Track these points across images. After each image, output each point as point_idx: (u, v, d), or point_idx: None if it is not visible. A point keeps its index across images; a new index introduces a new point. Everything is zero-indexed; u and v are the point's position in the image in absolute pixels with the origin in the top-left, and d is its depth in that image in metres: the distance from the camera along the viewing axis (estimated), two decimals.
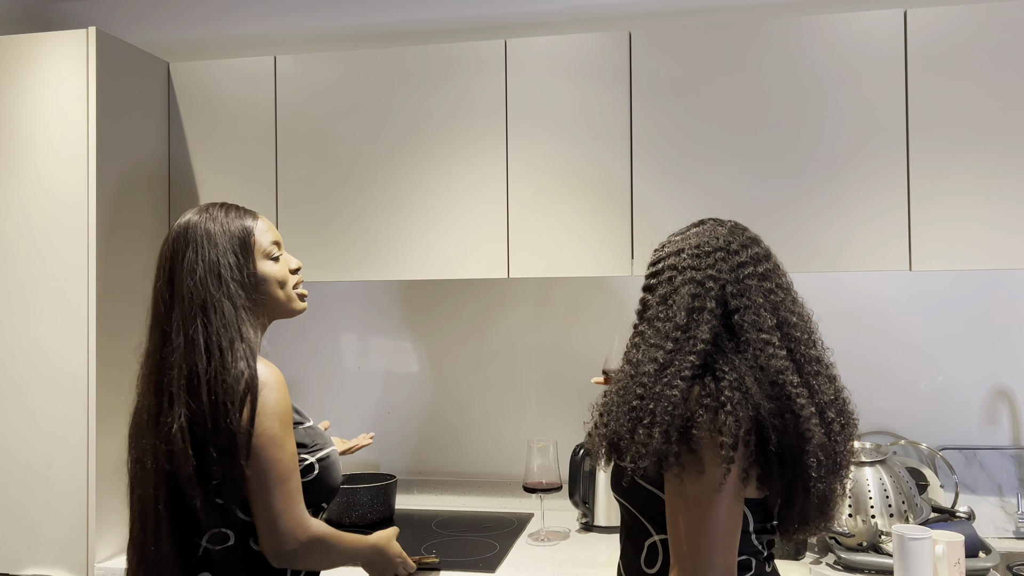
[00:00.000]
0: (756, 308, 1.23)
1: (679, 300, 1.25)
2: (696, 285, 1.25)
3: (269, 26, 2.68)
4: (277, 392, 1.37)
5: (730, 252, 1.27)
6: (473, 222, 2.17)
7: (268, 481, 1.33)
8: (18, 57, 2.10)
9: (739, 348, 1.22)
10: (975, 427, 2.28)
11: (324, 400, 2.66)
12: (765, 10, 2.39)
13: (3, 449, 2.07)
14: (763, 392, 1.19)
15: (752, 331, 1.22)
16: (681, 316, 1.24)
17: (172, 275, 1.40)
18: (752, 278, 1.25)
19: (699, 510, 1.16)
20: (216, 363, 1.33)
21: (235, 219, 1.45)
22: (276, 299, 1.48)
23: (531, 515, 2.39)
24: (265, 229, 1.48)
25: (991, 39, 1.93)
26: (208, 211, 1.45)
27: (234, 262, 1.41)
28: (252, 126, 2.31)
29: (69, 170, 2.06)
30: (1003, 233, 1.92)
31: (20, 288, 2.08)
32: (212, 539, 1.36)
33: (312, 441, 1.46)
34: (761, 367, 1.20)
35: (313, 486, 1.43)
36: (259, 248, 1.46)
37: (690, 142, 2.07)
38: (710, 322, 1.22)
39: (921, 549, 1.59)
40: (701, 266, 1.27)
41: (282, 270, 1.49)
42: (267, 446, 1.33)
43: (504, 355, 2.55)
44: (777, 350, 1.21)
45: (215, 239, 1.41)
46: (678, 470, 1.17)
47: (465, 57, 2.19)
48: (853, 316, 2.33)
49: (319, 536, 1.39)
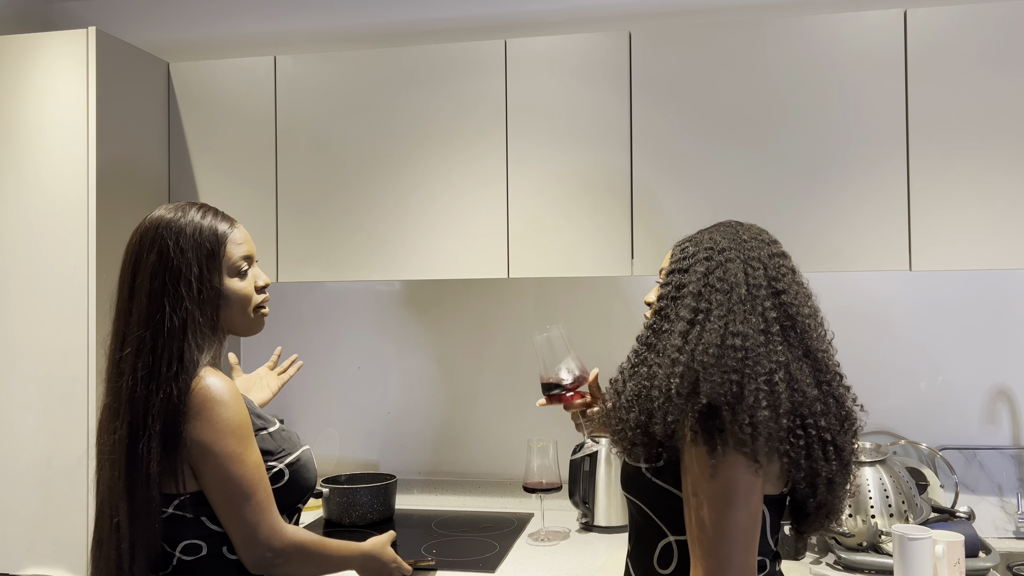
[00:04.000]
0: (795, 294, 1.25)
1: (733, 276, 1.24)
2: (744, 263, 1.25)
3: (269, 26, 2.68)
4: (231, 407, 1.31)
5: (764, 242, 1.30)
6: (473, 222, 2.17)
7: (234, 498, 1.30)
8: (18, 57, 2.10)
9: (786, 331, 1.22)
10: (975, 427, 2.28)
11: (324, 400, 2.66)
12: (765, 10, 2.38)
13: (3, 449, 2.07)
14: (810, 379, 1.20)
15: (800, 316, 1.24)
16: (742, 290, 1.23)
17: (134, 273, 1.34)
18: (787, 268, 1.28)
19: (722, 508, 1.15)
20: (159, 382, 1.28)
21: (209, 227, 1.37)
22: (234, 319, 1.40)
23: (531, 515, 2.39)
24: (239, 241, 1.40)
25: (991, 39, 1.93)
26: (184, 211, 1.37)
27: (197, 274, 1.33)
28: (252, 126, 2.31)
29: (69, 170, 2.06)
30: (1003, 233, 1.92)
31: (20, 288, 2.08)
32: (185, 550, 1.33)
33: (278, 447, 1.41)
34: (806, 349, 1.22)
35: (285, 491, 1.39)
36: (227, 261, 1.37)
37: (690, 142, 2.07)
38: (770, 299, 1.23)
39: (921, 549, 1.59)
40: (742, 248, 1.27)
41: (247, 288, 1.41)
42: (226, 464, 1.29)
43: (504, 355, 2.55)
44: (818, 335, 1.25)
45: (182, 245, 1.33)
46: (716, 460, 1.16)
47: (465, 57, 2.19)
48: (853, 316, 2.33)
49: (298, 543, 1.37)
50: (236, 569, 1.36)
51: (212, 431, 1.29)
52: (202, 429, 1.29)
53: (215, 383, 1.32)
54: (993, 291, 2.28)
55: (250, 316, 1.42)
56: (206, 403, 1.30)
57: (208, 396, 1.30)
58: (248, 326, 1.43)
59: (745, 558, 1.15)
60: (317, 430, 2.67)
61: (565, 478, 2.27)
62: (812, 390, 1.20)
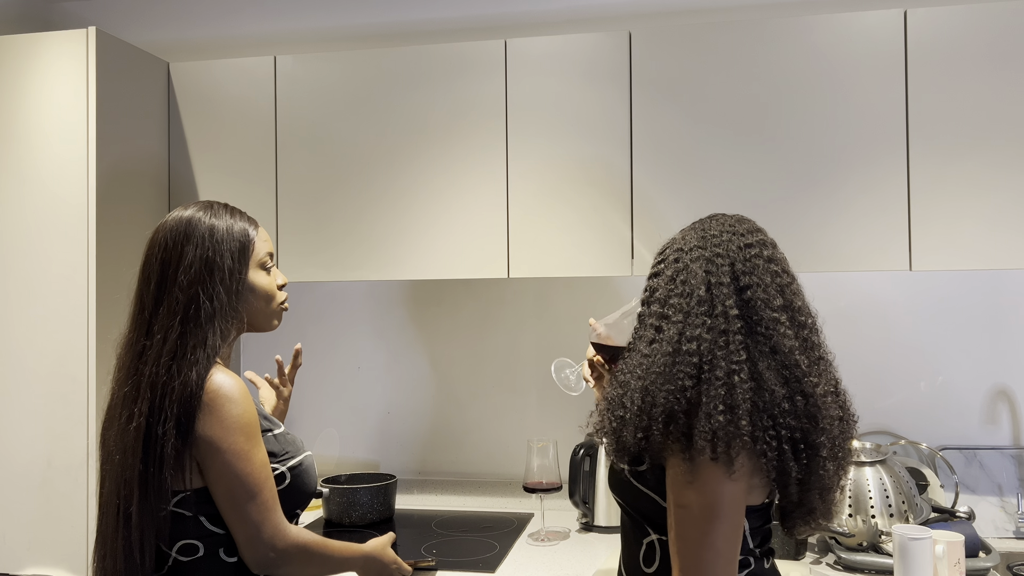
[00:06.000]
0: (764, 286, 1.21)
1: (694, 277, 1.23)
2: (707, 262, 1.23)
3: (269, 26, 2.68)
4: (241, 404, 1.33)
5: (736, 233, 1.27)
6: (473, 222, 2.17)
7: (239, 496, 1.31)
8: (18, 57, 2.10)
9: (751, 328, 1.19)
10: (975, 427, 2.28)
11: (324, 400, 2.66)
12: (765, 10, 2.39)
13: (3, 449, 2.07)
14: (776, 377, 1.17)
15: (765, 310, 1.20)
16: (701, 290, 1.21)
17: (165, 267, 1.37)
18: (759, 258, 1.24)
19: (706, 521, 1.13)
20: (181, 366, 1.31)
21: (238, 222, 1.43)
22: (258, 311, 1.45)
23: (531, 515, 2.39)
24: (264, 239, 1.46)
25: (991, 39, 1.93)
26: (212, 208, 1.43)
27: (230, 265, 1.38)
28: (252, 126, 2.31)
29: (69, 170, 2.06)
30: (1003, 233, 1.92)
31: (20, 288, 2.08)
32: (181, 550, 1.34)
33: (283, 449, 1.43)
34: (772, 348, 1.18)
35: (286, 494, 1.40)
36: (256, 256, 1.44)
37: (690, 142, 2.07)
38: (731, 297, 1.20)
39: (921, 549, 1.59)
40: (708, 245, 1.25)
41: (272, 283, 1.46)
42: (233, 461, 1.31)
43: (504, 355, 2.55)
44: (787, 329, 1.20)
45: (217, 238, 1.39)
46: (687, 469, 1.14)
47: (465, 57, 2.19)
48: (853, 316, 2.33)
49: (301, 544, 1.37)
50: (233, 572, 1.36)
51: (221, 427, 1.31)
52: (211, 424, 1.30)
53: (226, 380, 1.34)
54: (993, 291, 2.28)
55: (273, 310, 1.47)
56: (216, 399, 1.31)
57: (219, 393, 1.32)
58: (268, 321, 1.48)
59: (726, 570, 1.13)
60: (317, 430, 2.67)
61: (565, 478, 2.27)
62: (780, 388, 1.16)
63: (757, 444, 1.14)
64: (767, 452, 1.14)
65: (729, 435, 1.12)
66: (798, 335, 1.21)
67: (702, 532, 1.13)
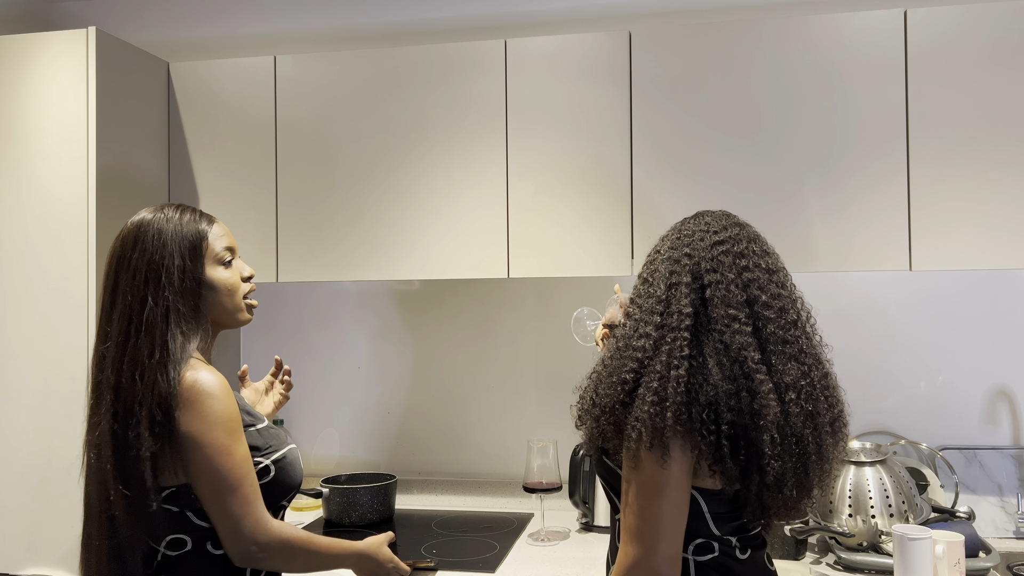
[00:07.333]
0: (727, 283, 1.26)
1: (658, 277, 1.30)
2: (673, 263, 1.30)
3: (269, 26, 2.68)
4: (222, 400, 1.33)
5: (709, 232, 1.32)
6: (473, 222, 2.17)
7: (220, 490, 1.32)
8: (18, 57, 2.10)
9: (708, 324, 1.24)
10: (975, 427, 2.28)
11: (324, 400, 2.66)
12: (765, 10, 2.39)
13: (3, 449, 2.07)
14: (723, 373, 1.21)
15: (721, 306, 1.25)
16: (660, 290, 1.28)
17: (117, 274, 1.38)
18: (727, 255, 1.28)
19: (647, 497, 1.20)
20: (143, 371, 1.31)
21: (190, 222, 1.41)
22: (222, 307, 1.43)
23: (531, 515, 2.39)
24: (220, 234, 1.44)
25: (991, 39, 1.93)
26: (163, 211, 1.41)
27: (179, 265, 1.37)
28: (252, 126, 2.31)
29: (69, 170, 2.06)
30: (1003, 233, 1.92)
31: (20, 288, 2.08)
32: (169, 545, 1.35)
33: (266, 443, 1.43)
34: (725, 344, 1.22)
35: (269, 488, 1.40)
36: (211, 253, 1.42)
37: (690, 142, 2.07)
38: (688, 296, 1.26)
39: (921, 549, 1.59)
40: (679, 246, 1.32)
41: (233, 277, 1.44)
42: (214, 456, 1.31)
43: (504, 355, 2.55)
44: (742, 326, 1.23)
45: (164, 240, 1.37)
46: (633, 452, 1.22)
47: (465, 57, 2.19)
48: (853, 316, 2.33)
49: (284, 538, 1.37)
50: (220, 564, 1.37)
51: (202, 423, 1.31)
52: (192, 421, 1.31)
53: (206, 377, 1.34)
54: (993, 291, 2.28)
55: (238, 304, 1.45)
56: (197, 395, 1.32)
57: (199, 389, 1.33)
58: (234, 315, 1.46)
59: (668, 546, 1.19)
60: (317, 430, 2.67)
61: (565, 478, 2.27)
62: (725, 384, 1.20)
63: (693, 435, 1.19)
64: (701, 445, 1.20)
65: (656, 426, 1.19)
66: (759, 330, 1.24)
67: (642, 507, 1.21)
